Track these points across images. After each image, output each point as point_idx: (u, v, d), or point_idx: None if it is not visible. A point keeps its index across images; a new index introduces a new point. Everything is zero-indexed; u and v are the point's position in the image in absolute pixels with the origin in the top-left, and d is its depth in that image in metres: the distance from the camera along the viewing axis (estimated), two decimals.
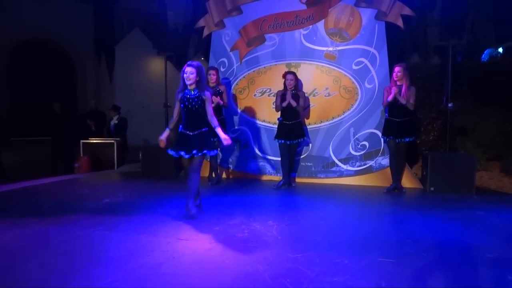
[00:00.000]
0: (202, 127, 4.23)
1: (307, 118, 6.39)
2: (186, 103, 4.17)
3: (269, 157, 6.57)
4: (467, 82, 6.93)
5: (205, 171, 6.78)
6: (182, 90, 4.22)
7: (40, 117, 10.14)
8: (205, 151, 4.20)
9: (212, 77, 5.97)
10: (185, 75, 4.13)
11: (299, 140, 5.89)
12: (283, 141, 5.82)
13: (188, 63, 4.20)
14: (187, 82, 4.13)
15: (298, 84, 5.91)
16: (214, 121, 4.26)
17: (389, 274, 2.78)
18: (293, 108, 5.75)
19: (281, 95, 5.82)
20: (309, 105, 6.35)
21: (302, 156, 6.42)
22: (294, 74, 5.82)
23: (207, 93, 4.21)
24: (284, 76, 5.83)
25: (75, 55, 13.46)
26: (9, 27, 11.99)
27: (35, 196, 5.43)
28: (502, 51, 9.38)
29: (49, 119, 9.00)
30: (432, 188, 5.58)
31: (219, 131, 4.25)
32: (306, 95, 6.12)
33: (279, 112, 5.90)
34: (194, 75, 4.11)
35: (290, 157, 5.92)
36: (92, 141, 8.18)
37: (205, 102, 4.20)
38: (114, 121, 8.91)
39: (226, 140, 4.22)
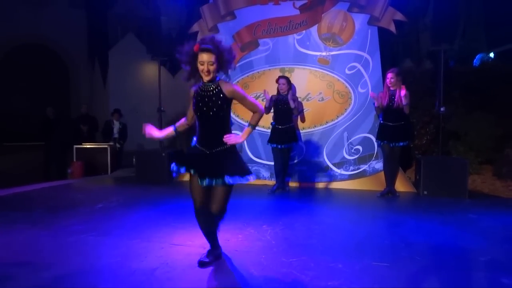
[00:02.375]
0: (224, 143, 2.84)
1: (303, 121, 6.40)
2: (200, 103, 2.80)
3: (263, 162, 6.58)
4: (459, 86, 6.99)
5: None
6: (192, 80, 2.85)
7: (33, 122, 10.07)
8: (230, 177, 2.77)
9: None
10: (200, 66, 2.71)
11: (292, 144, 5.88)
12: (275, 145, 5.82)
13: (202, 38, 2.79)
14: (205, 78, 2.76)
15: (291, 88, 5.91)
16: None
17: (383, 278, 2.78)
18: (286, 112, 5.73)
19: (274, 100, 5.81)
20: (302, 110, 6.36)
21: (296, 161, 6.44)
22: (286, 78, 5.82)
23: (230, 86, 2.84)
24: (277, 80, 5.85)
25: (68, 60, 13.40)
26: (2, 31, 11.93)
27: (28, 201, 5.39)
28: (493, 56, 9.48)
29: (42, 124, 8.95)
30: (425, 192, 5.61)
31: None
32: (299, 99, 6.13)
33: (272, 117, 5.91)
34: (214, 62, 2.70)
35: (284, 161, 5.92)
36: (85, 146, 8.14)
37: (230, 101, 2.85)
38: (118, 125, 8.77)
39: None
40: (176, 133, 3.06)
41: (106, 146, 8.06)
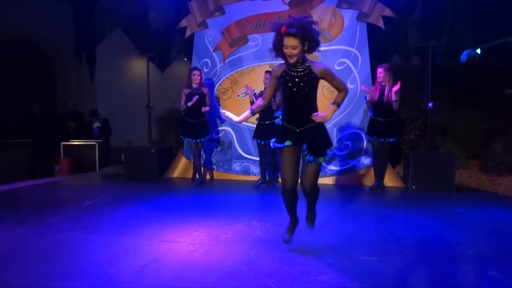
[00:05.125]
0: (312, 120, 2.93)
1: None
2: (290, 83, 2.87)
3: (253, 158, 6.57)
4: (447, 82, 7.05)
5: (188, 172, 6.75)
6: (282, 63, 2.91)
7: (19, 119, 9.91)
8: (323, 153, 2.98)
9: (196, 78, 5.94)
10: (285, 49, 2.78)
11: None
12: (259, 141, 5.85)
13: (290, 21, 2.78)
14: (290, 61, 2.82)
15: None
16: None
17: (372, 272, 2.80)
18: (271, 108, 5.70)
19: (259, 95, 5.82)
20: None
21: None
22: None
23: (321, 65, 3.00)
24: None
25: (55, 55, 13.19)
26: None
27: (14, 199, 5.31)
28: (480, 52, 9.58)
29: (28, 120, 8.81)
30: (413, 187, 5.66)
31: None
32: None
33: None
34: (298, 46, 2.78)
35: (271, 156, 5.93)
36: (73, 143, 8.05)
37: (319, 80, 2.97)
38: (97, 124, 8.72)
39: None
40: (253, 115, 3.20)
41: (94, 143, 7.97)
